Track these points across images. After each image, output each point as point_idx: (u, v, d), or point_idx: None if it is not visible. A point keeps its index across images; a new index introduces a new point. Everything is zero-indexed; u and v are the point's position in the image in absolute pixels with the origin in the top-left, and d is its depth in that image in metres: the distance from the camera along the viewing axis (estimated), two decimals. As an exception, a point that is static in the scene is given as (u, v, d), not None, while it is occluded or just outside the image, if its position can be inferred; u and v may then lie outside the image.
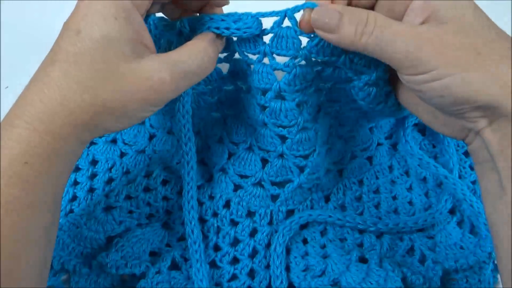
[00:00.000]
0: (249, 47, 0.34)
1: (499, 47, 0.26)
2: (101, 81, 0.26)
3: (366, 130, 0.43)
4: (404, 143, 0.43)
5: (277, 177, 0.40)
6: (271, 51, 0.33)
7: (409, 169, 0.44)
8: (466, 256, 0.38)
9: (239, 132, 0.41)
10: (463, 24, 0.27)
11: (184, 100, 0.36)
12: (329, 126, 0.41)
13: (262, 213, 0.41)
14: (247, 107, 0.38)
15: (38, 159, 0.26)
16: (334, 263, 0.38)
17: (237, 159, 0.41)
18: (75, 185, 0.42)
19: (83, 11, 0.27)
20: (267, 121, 0.37)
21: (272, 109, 0.35)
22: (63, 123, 0.26)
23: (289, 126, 0.36)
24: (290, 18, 0.31)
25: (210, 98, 0.38)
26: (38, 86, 0.26)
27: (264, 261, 0.40)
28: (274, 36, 0.33)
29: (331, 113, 0.40)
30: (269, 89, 0.34)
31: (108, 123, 0.28)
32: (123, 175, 0.42)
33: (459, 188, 0.40)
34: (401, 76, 0.29)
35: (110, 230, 0.38)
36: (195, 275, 0.37)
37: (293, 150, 0.38)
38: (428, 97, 0.28)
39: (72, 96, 0.26)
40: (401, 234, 0.41)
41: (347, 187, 0.43)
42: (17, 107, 0.26)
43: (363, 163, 0.43)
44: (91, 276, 0.38)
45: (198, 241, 0.38)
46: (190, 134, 0.37)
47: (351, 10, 0.29)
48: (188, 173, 0.38)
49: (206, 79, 0.36)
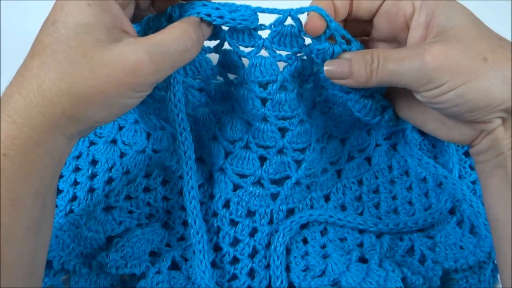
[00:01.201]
0: (242, 40, 0.34)
1: (503, 51, 0.28)
2: (77, 68, 0.26)
3: (363, 131, 0.43)
4: (403, 144, 0.43)
5: (276, 174, 0.40)
6: (272, 46, 0.33)
7: (409, 169, 0.44)
8: (466, 256, 0.38)
9: (234, 129, 0.40)
10: (465, 34, 0.28)
11: (175, 89, 0.35)
12: (324, 126, 0.41)
13: (262, 213, 0.41)
14: (241, 102, 0.38)
15: (17, 151, 0.25)
16: (334, 263, 0.38)
17: (234, 158, 0.40)
18: (75, 185, 0.42)
19: (60, 3, 0.27)
20: (268, 114, 0.36)
21: (277, 100, 0.36)
22: (41, 114, 0.26)
23: (290, 117, 0.37)
24: (294, 19, 0.32)
25: (198, 92, 0.38)
26: (18, 79, 0.27)
27: (264, 261, 0.40)
28: (276, 33, 0.33)
29: (327, 114, 0.40)
30: (274, 80, 0.35)
31: (90, 113, 0.27)
32: (123, 175, 0.42)
33: (459, 188, 0.40)
34: (417, 95, 0.30)
35: (110, 230, 0.38)
36: (197, 267, 0.37)
37: (293, 143, 0.38)
38: (445, 107, 0.29)
39: (49, 87, 0.26)
40: (401, 234, 0.41)
41: (346, 187, 0.43)
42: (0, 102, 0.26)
43: (361, 163, 0.43)
44: (91, 276, 0.38)
45: (201, 231, 0.37)
46: (185, 124, 0.36)
47: (357, 54, 0.31)
48: (186, 163, 0.37)
49: (194, 69, 0.36)
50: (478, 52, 0.27)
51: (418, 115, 0.34)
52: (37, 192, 0.26)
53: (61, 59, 0.26)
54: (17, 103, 0.26)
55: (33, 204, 0.26)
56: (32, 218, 0.26)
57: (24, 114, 0.26)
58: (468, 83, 0.27)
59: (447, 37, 0.28)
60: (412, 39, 0.31)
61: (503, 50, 0.28)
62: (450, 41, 0.28)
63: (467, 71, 0.27)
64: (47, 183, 0.27)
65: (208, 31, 0.33)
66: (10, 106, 0.26)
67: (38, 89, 0.26)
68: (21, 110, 0.26)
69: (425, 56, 0.28)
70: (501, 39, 0.29)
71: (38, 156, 0.26)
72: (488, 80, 0.27)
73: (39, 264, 0.28)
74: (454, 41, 0.28)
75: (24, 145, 0.25)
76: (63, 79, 0.26)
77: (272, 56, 0.34)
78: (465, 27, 0.28)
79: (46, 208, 0.28)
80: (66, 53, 0.26)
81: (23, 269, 0.26)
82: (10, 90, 0.26)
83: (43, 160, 0.26)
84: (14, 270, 0.25)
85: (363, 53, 0.31)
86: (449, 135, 0.32)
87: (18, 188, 0.25)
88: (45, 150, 0.26)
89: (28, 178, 0.26)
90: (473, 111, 0.28)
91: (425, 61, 0.28)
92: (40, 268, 0.28)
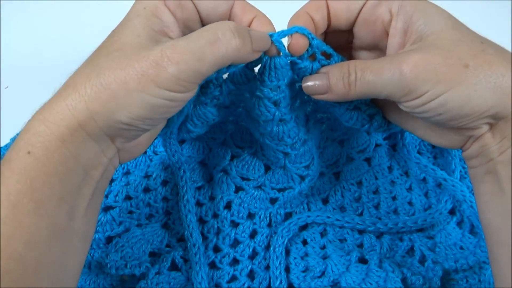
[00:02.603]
0: (241, 81, 0.33)
1: (485, 56, 0.26)
2: (109, 60, 0.26)
3: (363, 132, 0.43)
4: (401, 147, 0.43)
5: (278, 184, 0.40)
6: (265, 82, 0.32)
7: (409, 169, 0.44)
8: (466, 257, 0.38)
9: (244, 139, 0.41)
10: (444, 39, 0.27)
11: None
12: (321, 132, 0.42)
13: (261, 215, 0.41)
14: (248, 125, 0.38)
15: (41, 149, 0.25)
16: (334, 264, 0.38)
17: (241, 161, 0.41)
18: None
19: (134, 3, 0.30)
20: (268, 142, 0.37)
21: (275, 133, 0.35)
22: (67, 107, 0.25)
23: (292, 144, 0.37)
24: (278, 42, 0.30)
25: (210, 111, 0.36)
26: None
27: (264, 262, 0.40)
28: (266, 67, 0.31)
29: (321, 120, 0.41)
30: (271, 120, 0.34)
31: (112, 108, 0.26)
32: (123, 175, 0.42)
33: (459, 189, 0.40)
34: (400, 105, 0.29)
35: (110, 230, 0.38)
36: (194, 278, 0.37)
37: (296, 163, 0.38)
38: (429, 116, 0.28)
39: (81, 77, 0.26)
40: (401, 234, 0.41)
41: (345, 189, 0.43)
42: None
43: (360, 164, 0.43)
44: (90, 276, 0.38)
45: (198, 243, 0.38)
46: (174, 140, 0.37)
47: (333, 68, 0.30)
48: (181, 177, 0.38)
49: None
50: (458, 58, 0.26)
51: (407, 121, 0.33)
52: (61, 198, 0.25)
53: (102, 53, 0.27)
54: (52, 100, 0.26)
55: (57, 210, 0.25)
56: (56, 225, 0.25)
57: (52, 109, 0.25)
58: (449, 92, 0.26)
59: (426, 43, 0.27)
60: (391, 47, 0.30)
61: (484, 54, 0.26)
62: (428, 48, 0.27)
63: (447, 79, 0.26)
64: (72, 190, 0.26)
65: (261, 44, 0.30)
66: (47, 104, 0.26)
67: (71, 82, 0.26)
68: (52, 106, 0.26)
69: (403, 67, 0.27)
70: (483, 42, 0.27)
71: (62, 155, 0.25)
72: (470, 88, 0.26)
73: (66, 277, 0.26)
74: (433, 48, 0.27)
75: (48, 143, 0.25)
76: (94, 71, 0.26)
77: (266, 97, 0.32)
78: (444, 32, 0.27)
79: (75, 219, 0.26)
80: (105, 47, 0.27)
81: (44, 277, 0.25)
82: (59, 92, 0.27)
83: (67, 162, 0.25)
84: (35, 276, 0.24)
85: (340, 66, 0.30)
86: (439, 141, 0.32)
87: (40, 189, 0.24)
88: (69, 150, 0.25)
89: (52, 180, 0.25)
90: (457, 119, 0.27)
91: (403, 72, 0.27)
92: (68, 280, 0.27)
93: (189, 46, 0.26)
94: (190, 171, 0.41)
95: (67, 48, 0.49)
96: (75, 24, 0.54)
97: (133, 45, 0.26)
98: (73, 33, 0.53)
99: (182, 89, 0.26)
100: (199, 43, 0.26)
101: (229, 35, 0.27)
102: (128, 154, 0.31)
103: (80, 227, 0.27)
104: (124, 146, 0.29)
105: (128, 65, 0.25)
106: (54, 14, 0.56)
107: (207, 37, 0.26)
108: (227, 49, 0.27)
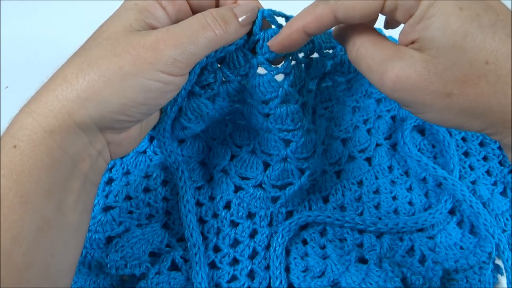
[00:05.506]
0: (238, 64, 0.33)
1: (480, 82, 0.23)
2: (100, 49, 0.26)
3: (364, 131, 0.43)
4: (402, 145, 0.43)
5: (278, 180, 0.40)
6: (266, 59, 0.33)
7: (409, 169, 0.44)
8: (466, 256, 0.38)
9: (242, 136, 0.41)
10: (440, 59, 0.24)
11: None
12: (326, 127, 0.42)
13: (262, 215, 0.41)
14: (246, 116, 0.38)
15: (28, 142, 0.24)
16: (333, 264, 0.38)
17: (239, 161, 0.41)
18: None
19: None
20: (271, 126, 0.36)
21: (278, 115, 0.35)
22: (56, 98, 0.25)
23: (294, 130, 0.36)
24: (269, 17, 0.32)
25: (204, 102, 0.37)
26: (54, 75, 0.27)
27: (264, 262, 0.40)
28: (260, 41, 0.32)
29: (325, 115, 0.41)
30: (275, 97, 0.34)
31: (106, 95, 0.26)
32: (123, 175, 0.42)
33: (459, 189, 0.40)
34: None
35: (110, 230, 0.38)
36: (194, 278, 0.37)
37: (297, 153, 0.38)
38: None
39: (71, 69, 0.26)
40: (401, 234, 0.41)
41: (346, 188, 0.43)
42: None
43: (361, 164, 0.43)
44: (90, 276, 0.38)
45: (198, 243, 0.38)
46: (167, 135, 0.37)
47: None
48: (180, 178, 0.38)
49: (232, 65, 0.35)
50: (443, 85, 0.24)
51: None
52: (48, 191, 0.25)
53: (90, 45, 0.27)
54: (40, 92, 0.26)
55: (45, 204, 0.25)
56: (44, 219, 0.25)
57: (40, 100, 0.25)
58: (425, 114, 0.26)
59: (422, 57, 0.25)
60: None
61: (479, 81, 0.23)
62: (419, 64, 0.24)
63: (425, 104, 0.25)
64: (60, 183, 0.26)
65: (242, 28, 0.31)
66: (34, 97, 0.26)
67: (60, 74, 0.26)
68: (40, 98, 0.25)
69: (385, 78, 0.25)
70: (489, 62, 0.23)
71: (48, 147, 0.25)
72: (450, 114, 0.25)
73: (58, 273, 0.26)
74: (424, 65, 0.24)
75: (34, 135, 0.24)
76: (85, 61, 0.26)
77: (269, 73, 0.33)
78: (442, 50, 0.24)
79: (64, 213, 0.26)
80: (94, 39, 0.27)
81: (34, 273, 0.24)
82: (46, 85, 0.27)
83: (54, 154, 0.25)
84: (23, 272, 0.24)
85: None
86: None
87: (27, 183, 0.24)
88: (56, 142, 0.25)
89: (38, 173, 0.24)
90: (454, 126, 0.26)
91: (384, 81, 0.26)
92: (61, 276, 0.26)
93: (183, 31, 0.28)
94: (189, 171, 0.41)
95: (67, 48, 0.49)
96: (75, 24, 0.54)
97: (125, 33, 0.27)
98: (73, 33, 0.53)
99: (177, 71, 0.28)
100: (192, 28, 0.28)
101: (213, 20, 0.29)
102: (119, 149, 0.31)
103: (70, 221, 0.27)
104: (114, 139, 0.29)
105: (123, 51, 0.26)
106: (54, 14, 0.56)
107: (198, 22, 0.28)
108: (215, 32, 0.29)
